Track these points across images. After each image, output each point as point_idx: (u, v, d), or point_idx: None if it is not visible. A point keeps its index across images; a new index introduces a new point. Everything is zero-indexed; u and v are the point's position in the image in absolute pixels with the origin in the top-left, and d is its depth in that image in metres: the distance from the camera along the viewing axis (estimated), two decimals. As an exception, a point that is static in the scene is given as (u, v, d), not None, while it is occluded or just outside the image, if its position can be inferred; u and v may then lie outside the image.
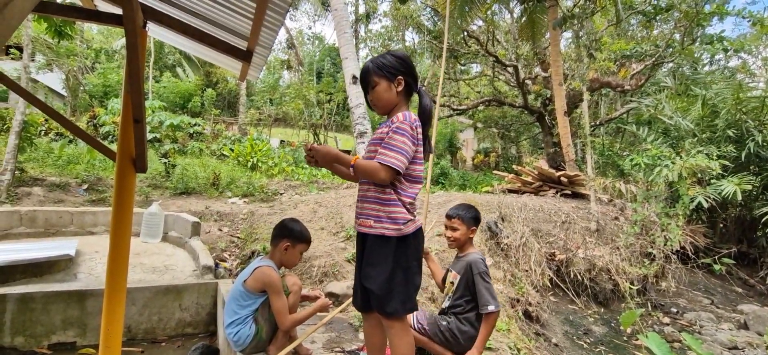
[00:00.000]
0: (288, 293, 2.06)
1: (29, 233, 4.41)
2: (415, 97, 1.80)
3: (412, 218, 1.66)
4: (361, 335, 2.60)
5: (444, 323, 2.17)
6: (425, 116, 1.72)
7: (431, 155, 1.83)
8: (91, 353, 2.85)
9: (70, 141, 8.69)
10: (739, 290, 6.79)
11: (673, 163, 5.89)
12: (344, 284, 3.33)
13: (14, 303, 2.75)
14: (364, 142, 6.43)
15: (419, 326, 2.23)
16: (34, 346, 2.79)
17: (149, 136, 9.85)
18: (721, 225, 7.91)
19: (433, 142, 2.76)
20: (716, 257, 7.04)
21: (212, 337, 3.20)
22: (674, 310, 5.77)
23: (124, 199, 2.49)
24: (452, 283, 2.22)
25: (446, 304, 2.25)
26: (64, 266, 3.48)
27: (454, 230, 2.23)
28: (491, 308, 2.07)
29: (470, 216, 2.23)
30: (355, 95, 6.67)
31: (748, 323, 5.02)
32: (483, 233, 4.78)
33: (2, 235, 4.24)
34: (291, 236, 2.09)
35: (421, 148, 1.67)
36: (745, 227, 7.68)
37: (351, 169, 1.61)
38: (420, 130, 1.65)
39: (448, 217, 2.27)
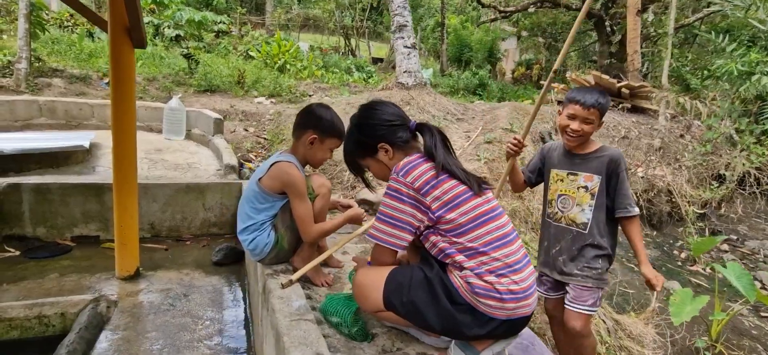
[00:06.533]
0: (314, 196, 1.67)
1: (51, 125, 4.25)
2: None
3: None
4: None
5: (597, 265, 1.66)
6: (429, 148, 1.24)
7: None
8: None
9: (90, 34, 8.32)
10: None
11: (775, 69, 4.89)
12: (380, 192, 2.98)
13: (30, 193, 2.59)
14: (402, 37, 5.68)
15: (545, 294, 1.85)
16: (57, 237, 2.69)
17: (173, 33, 9.39)
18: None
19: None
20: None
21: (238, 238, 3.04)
22: (734, 237, 5.26)
23: (122, 76, 2.09)
24: (585, 188, 1.67)
25: (586, 213, 1.69)
26: (81, 158, 3.29)
27: (589, 122, 1.62)
28: (637, 210, 1.67)
29: (607, 104, 1.64)
30: (392, -19, 5.76)
31: (829, 258, 4.44)
32: (536, 143, 4.24)
33: (24, 125, 4.10)
34: (319, 126, 1.63)
35: (440, 188, 1.16)
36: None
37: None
38: (416, 174, 1.17)
39: (584, 105, 1.60)
